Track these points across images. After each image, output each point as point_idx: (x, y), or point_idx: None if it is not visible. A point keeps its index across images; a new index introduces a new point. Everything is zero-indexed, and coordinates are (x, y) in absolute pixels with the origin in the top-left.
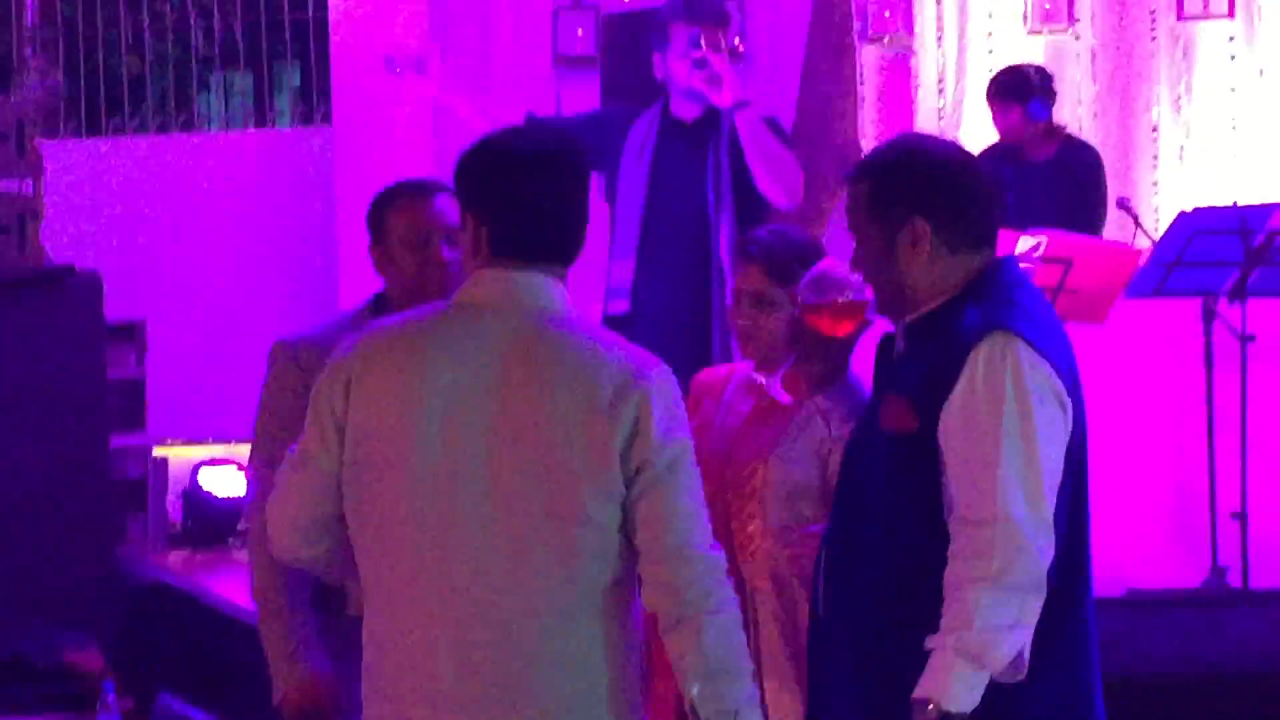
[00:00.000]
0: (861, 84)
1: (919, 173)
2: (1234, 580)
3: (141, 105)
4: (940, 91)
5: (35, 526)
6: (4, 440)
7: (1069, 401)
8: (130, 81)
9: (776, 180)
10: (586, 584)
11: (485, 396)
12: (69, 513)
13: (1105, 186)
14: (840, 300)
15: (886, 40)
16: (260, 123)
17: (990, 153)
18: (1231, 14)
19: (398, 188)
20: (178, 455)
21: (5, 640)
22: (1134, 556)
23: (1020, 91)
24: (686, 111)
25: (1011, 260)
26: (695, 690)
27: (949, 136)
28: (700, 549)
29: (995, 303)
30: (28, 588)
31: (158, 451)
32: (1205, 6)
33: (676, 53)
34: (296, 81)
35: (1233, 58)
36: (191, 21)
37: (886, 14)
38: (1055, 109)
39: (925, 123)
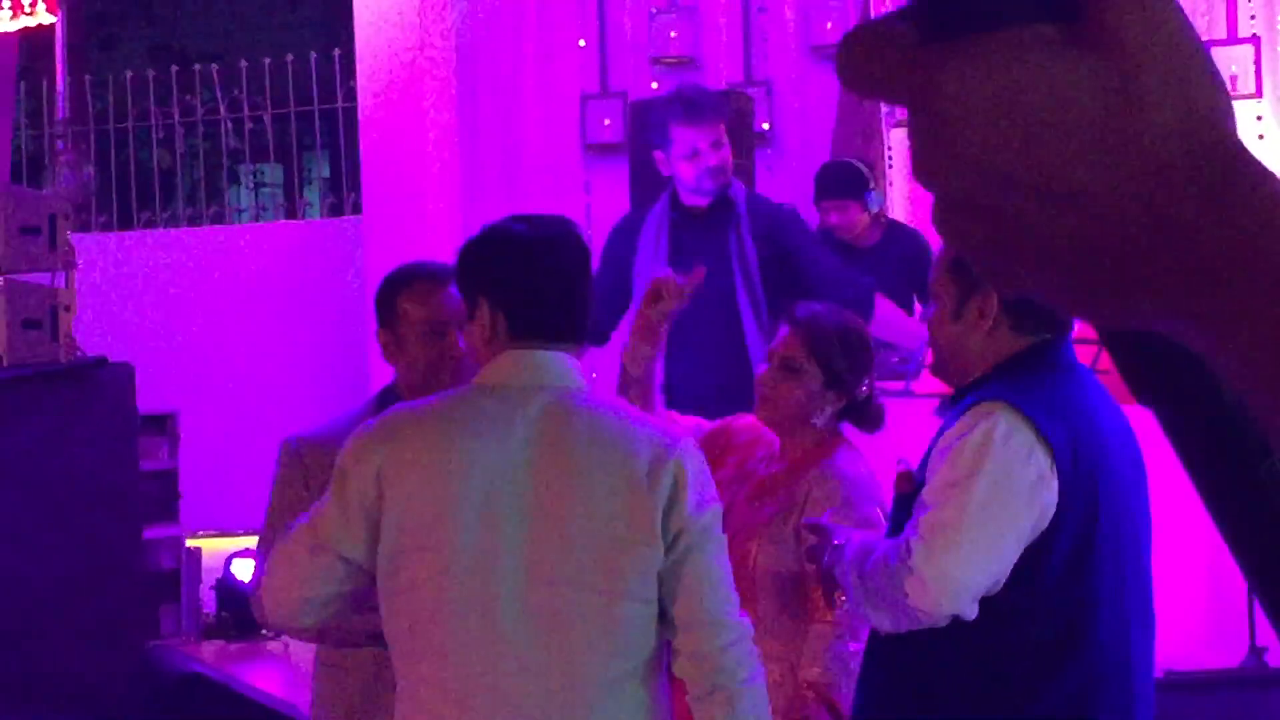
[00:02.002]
0: (890, 167)
1: None
2: (1273, 660)
3: (172, 198)
4: None
5: (68, 618)
6: (37, 532)
7: (1052, 477)
8: (161, 175)
9: None
10: (630, 656)
11: (522, 478)
12: (102, 604)
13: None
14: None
15: None
16: (291, 214)
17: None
18: (1260, 93)
19: (413, 271)
20: (210, 546)
21: None
22: (1171, 637)
23: (857, 187)
24: (697, 201)
25: (1061, 343)
26: None
27: None
28: (732, 617)
29: (1013, 378)
30: (61, 680)
31: (190, 542)
32: (1233, 86)
33: (679, 154)
34: (326, 172)
35: (1261, 137)
36: (221, 114)
37: None
38: None
39: None
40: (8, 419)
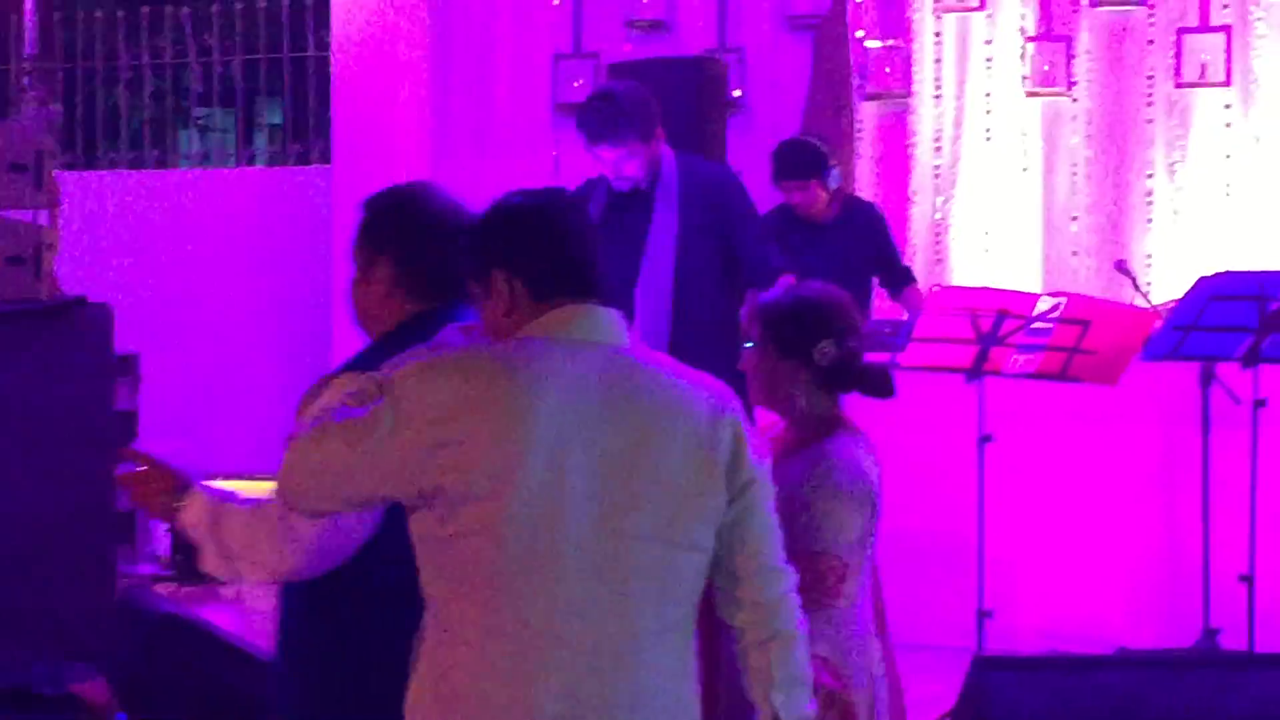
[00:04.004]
0: (859, 139)
1: (394, 215)
2: (1226, 642)
3: (137, 140)
4: (937, 149)
5: (40, 557)
6: (13, 469)
7: None
8: (124, 116)
9: None
10: (681, 603)
11: (593, 432)
12: (74, 544)
13: (892, 237)
14: None
15: (885, 98)
16: (259, 160)
17: (778, 217)
18: (1229, 81)
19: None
20: None
21: (10, 670)
22: (1125, 615)
23: (818, 166)
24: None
25: (442, 311)
26: (780, 700)
27: (945, 193)
28: (785, 564)
29: (390, 346)
30: (33, 618)
31: None
32: (1202, 74)
33: (596, 160)
34: (278, 119)
35: (1228, 125)
36: (190, 57)
37: (886, 70)
38: (1048, 171)
39: (921, 179)
40: None
